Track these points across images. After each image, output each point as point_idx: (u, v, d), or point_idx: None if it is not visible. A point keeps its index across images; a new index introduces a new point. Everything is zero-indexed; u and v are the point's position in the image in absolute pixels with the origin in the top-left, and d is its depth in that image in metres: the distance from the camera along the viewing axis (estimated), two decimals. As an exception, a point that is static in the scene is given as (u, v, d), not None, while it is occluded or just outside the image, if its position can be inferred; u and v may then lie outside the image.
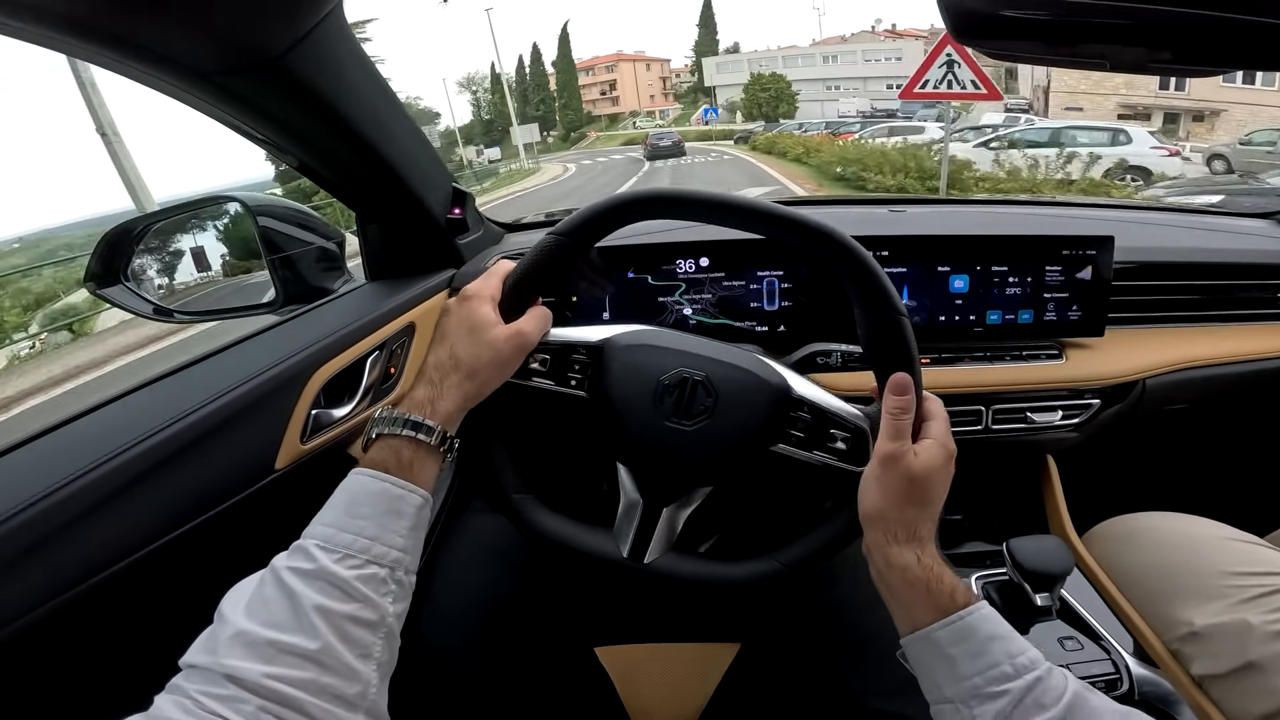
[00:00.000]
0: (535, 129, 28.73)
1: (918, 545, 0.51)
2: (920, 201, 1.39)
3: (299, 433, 0.73)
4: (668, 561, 0.58)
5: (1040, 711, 0.43)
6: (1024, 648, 0.47)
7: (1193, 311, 1.06)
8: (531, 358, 0.58)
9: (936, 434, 0.53)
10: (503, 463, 0.60)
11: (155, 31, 0.53)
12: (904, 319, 0.54)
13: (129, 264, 0.94)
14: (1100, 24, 0.48)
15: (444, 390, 0.51)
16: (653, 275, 0.94)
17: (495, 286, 0.57)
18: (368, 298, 0.91)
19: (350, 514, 0.45)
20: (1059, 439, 0.98)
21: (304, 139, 0.75)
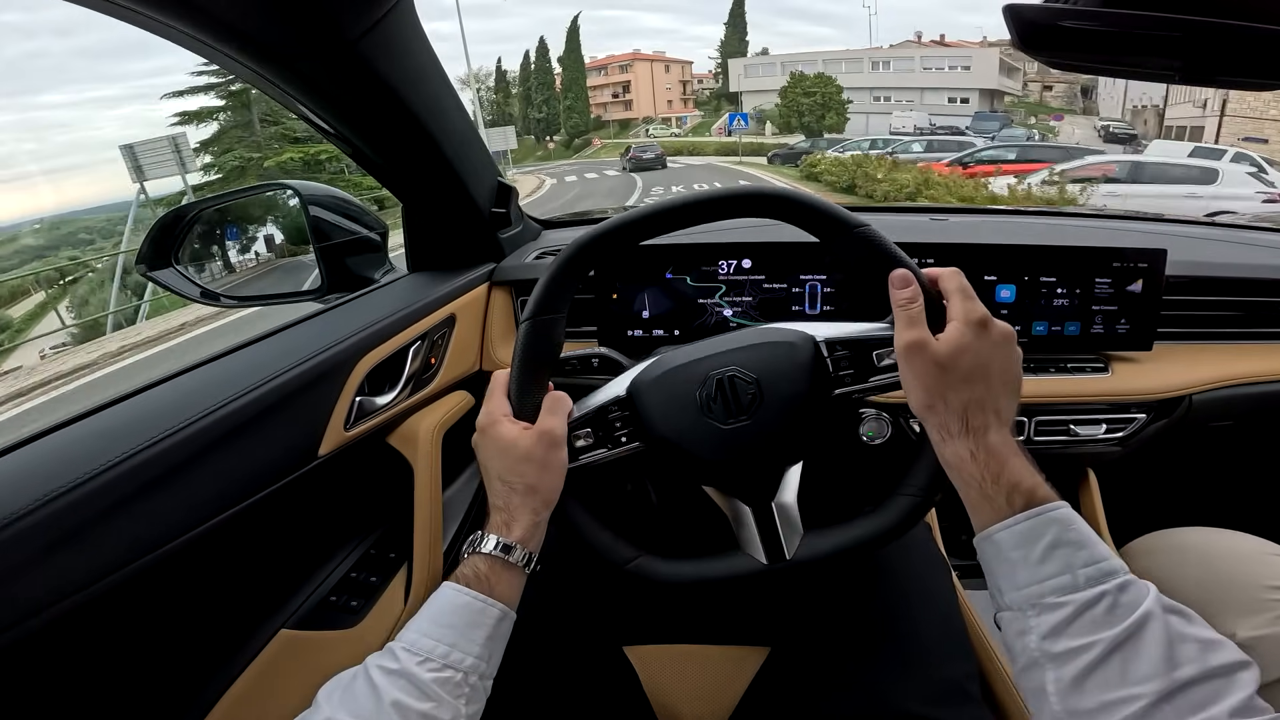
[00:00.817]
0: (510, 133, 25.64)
1: (972, 438, 0.48)
2: (962, 211, 1.37)
3: (343, 419, 0.74)
4: (809, 546, 0.58)
5: (1099, 629, 0.41)
6: (1096, 557, 0.44)
7: (1243, 328, 1.03)
8: (574, 437, 0.58)
9: (957, 313, 0.51)
10: (599, 539, 0.59)
11: (237, 11, 0.54)
12: (864, 228, 0.54)
13: (179, 248, 0.97)
14: (1158, 35, 0.47)
15: (513, 513, 0.54)
16: (692, 276, 0.94)
17: (501, 403, 0.57)
18: (410, 288, 0.92)
19: (435, 622, 0.50)
20: (1101, 452, 0.96)
21: (363, 124, 0.76)
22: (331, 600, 0.80)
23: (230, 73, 0.66)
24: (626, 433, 0.58)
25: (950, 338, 0.50)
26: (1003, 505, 0.46)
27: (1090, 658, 0.40)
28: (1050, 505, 0.46)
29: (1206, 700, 0.38)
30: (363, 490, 0.89)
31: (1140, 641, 0.40)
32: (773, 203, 0.56)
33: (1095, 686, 0.40)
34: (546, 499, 0.55)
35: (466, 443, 0.96)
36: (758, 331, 0.59)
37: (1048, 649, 0.42)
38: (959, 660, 0.66)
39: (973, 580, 0.96)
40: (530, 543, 0.54)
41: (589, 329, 0.98)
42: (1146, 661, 0.39)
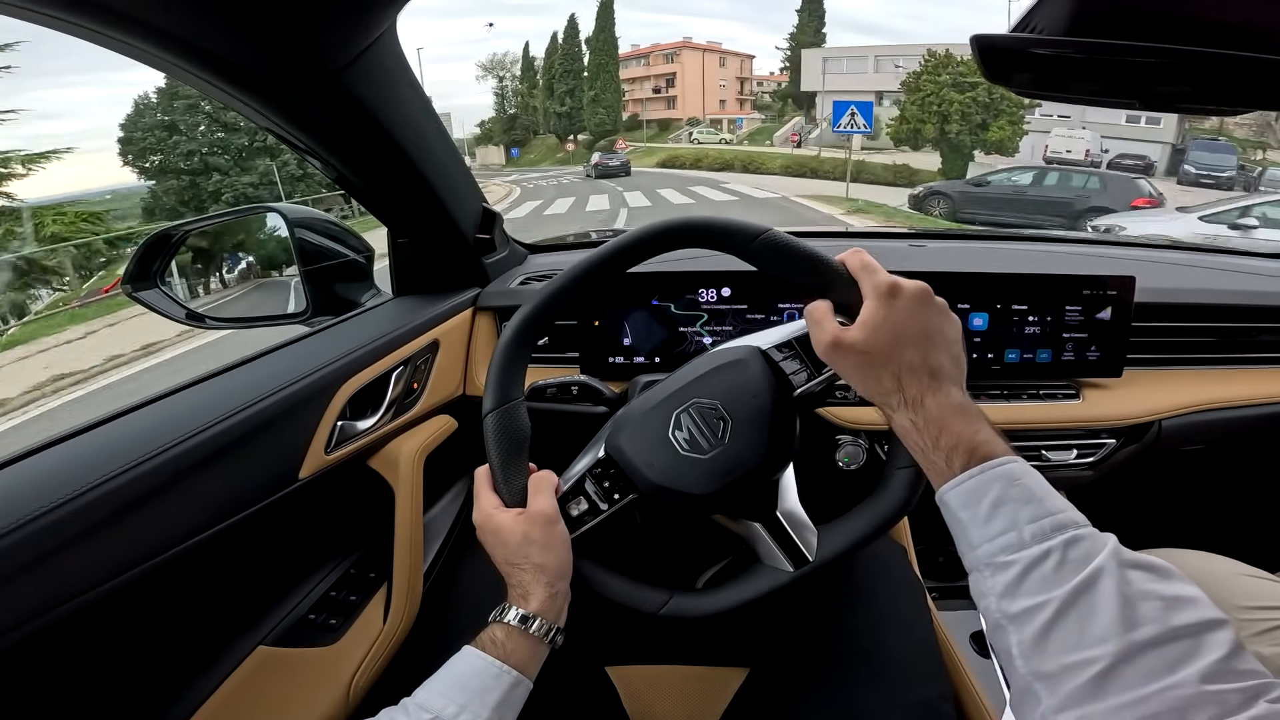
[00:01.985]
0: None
1: (910, 407, 0.49)
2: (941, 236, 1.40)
3: (324, 443, 0.75)
4: (828, 545, 0.59)
5: (1049, 588, 0.39)
6: (1046, 512, 0.42)
7: (1211, 354, 1.05)
8: (570, 507, 0.59)
9: (866, 289, 0.52)
10: (625, 594, 0.60)
11: (222, 42, 0.55)
12: (768, 233, 0.56)
13: (165, 268, 0.98)
14: (1129, 63, 0.49)
15: (526, 587, 0.55)
16: (673, 304, 0.95)
17: (489, 497, 0.59)
18: (395, 313, 0.93)
19: (450, 683, 0.51)
20: (1073, 478, 0.98)
21: (347, 151, 0.77)
22: (310, 618, 0.80)
23: (212, 99, 0.68)
24: (618, 489, 0.59)
25: (864, 318, 0.50)
26: (944, 468, 0.47)
27: (1045, 617, 0.39)
28: (996, 462, 0.45)
29: (1173, 663, 0.35)
30: (343, 512, 0.89)
31: (1094, 598, 0.38)
32: (679, 234, 0.58)
33: (1055, 648, 0.39)
34: (558, 572, 0.56)
35: (448, 466, 0.97)
36: (705, 358, 0.61)
37: (1005, 609, 0.41)
38: (933, 682, 0.67)
39: (948, 602, 0.98)
40: (549, 614, 0.55)
41: (571, 354, 0.99)
42: (1102, 620, 0.38)
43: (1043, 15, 0.50)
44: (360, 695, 0.76)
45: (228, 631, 0.74)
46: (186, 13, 0.51)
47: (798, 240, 0.55)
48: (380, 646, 0.79)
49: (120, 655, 0.62)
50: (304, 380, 0.72)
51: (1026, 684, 0.39)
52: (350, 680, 0.75)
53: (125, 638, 0.62)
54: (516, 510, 0.57)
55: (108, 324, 7.73)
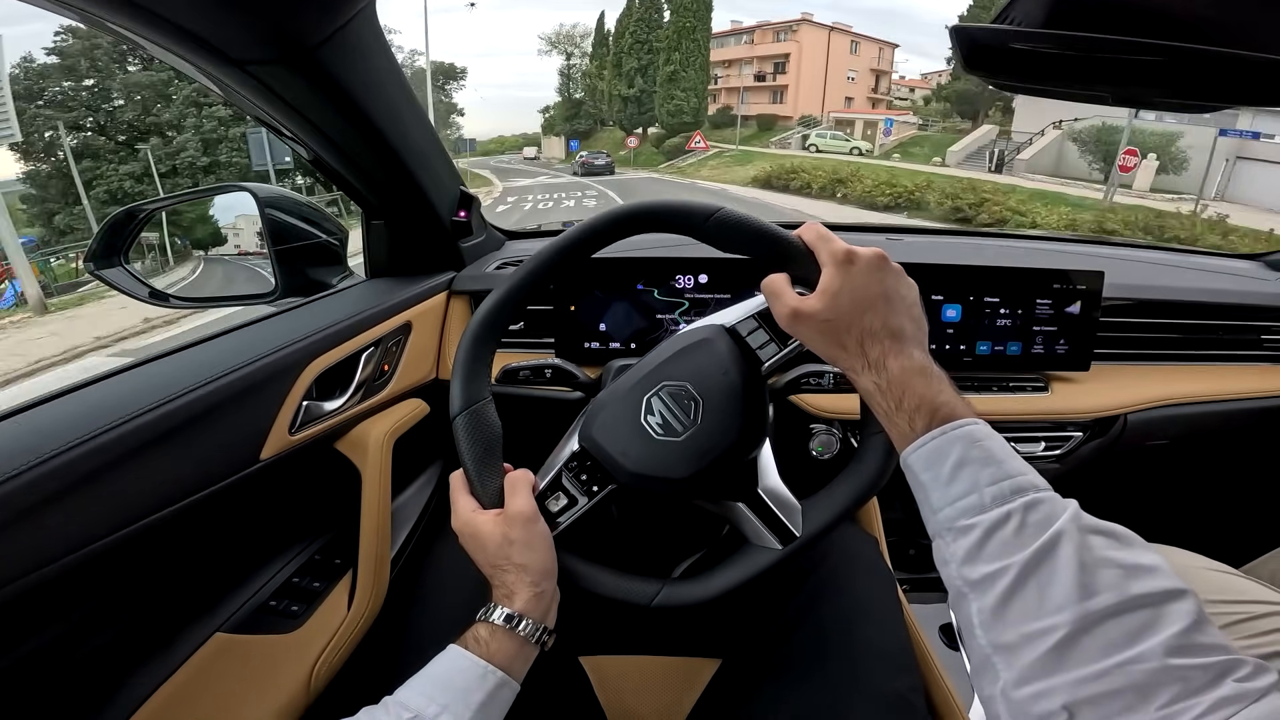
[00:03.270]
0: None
1: (874, 370, 0.49)
2: (918, 231, 1.41)
3: (288, 423, 0.73)
4: (814, 519, 0.58)
5: (1009, 552, 0.39)
6: (1003, 474, 0.42)
7: (1177, 350, 1.08)
8: (549, 503, 0.59)
9: (823, 258, 0.52)
10: (615, 588, 0.59)
11: (196, 17, 0.53)
12: (720, 211, 0.56)
13: (129, 247, 0.95)
14: (1105, 59, 0.50)
15: (511, 588, 0.54)
16: (652, 290, 0.95)
17: (466, 500, 0.58)
18: (366, 294, 0.91)
19: (432, 682, 0.50)
20: (1041, 470, 0.99)
21: (323, 131, 0.75)
22: (271, 605, 0.79)
23: (185, 75, 0.66)
24: (596, 481, 0.59)
25: (823, 286, 0.51)
26: (906, 429, 0.46)
27: (1005, 583, 0.38)
28: (958, 423, 0.44)
29: (1134, 634, 0.34)
30: (308, 495, 0.88)
31: (1053, 564, 0.37)
32: (637, 218, 0.58)
33: (1015, 616, 0.38)
34: (542, 571, 0.55)
35: (418, 451, 0.96)
36: (671, 341, 0.61)
37: (966, 575, 0.41)
38: (904, 673, 0.67)
39: (918, 595, 0.99)
40: (535, 613, 0.54)
41: (547, 340, 0.98)
42: (1060, 588, 0.37)
43: (1021, 8, 0.51)
44: (322, 683, 0.74)
45: (184, 617, 0.72)
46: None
47: (751, 217, 0.56)
48: (344, 634, 0.78)
49: (69, 639, 0.61)
50: (268, 358, 0.70)
51: (985, 656, 0.38)
52: (312, 668, 0.74)
53: (75, 620, 0.61)
54: (495, 511, 0.56)
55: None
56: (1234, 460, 1.24)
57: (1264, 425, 1.08)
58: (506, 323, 0.61)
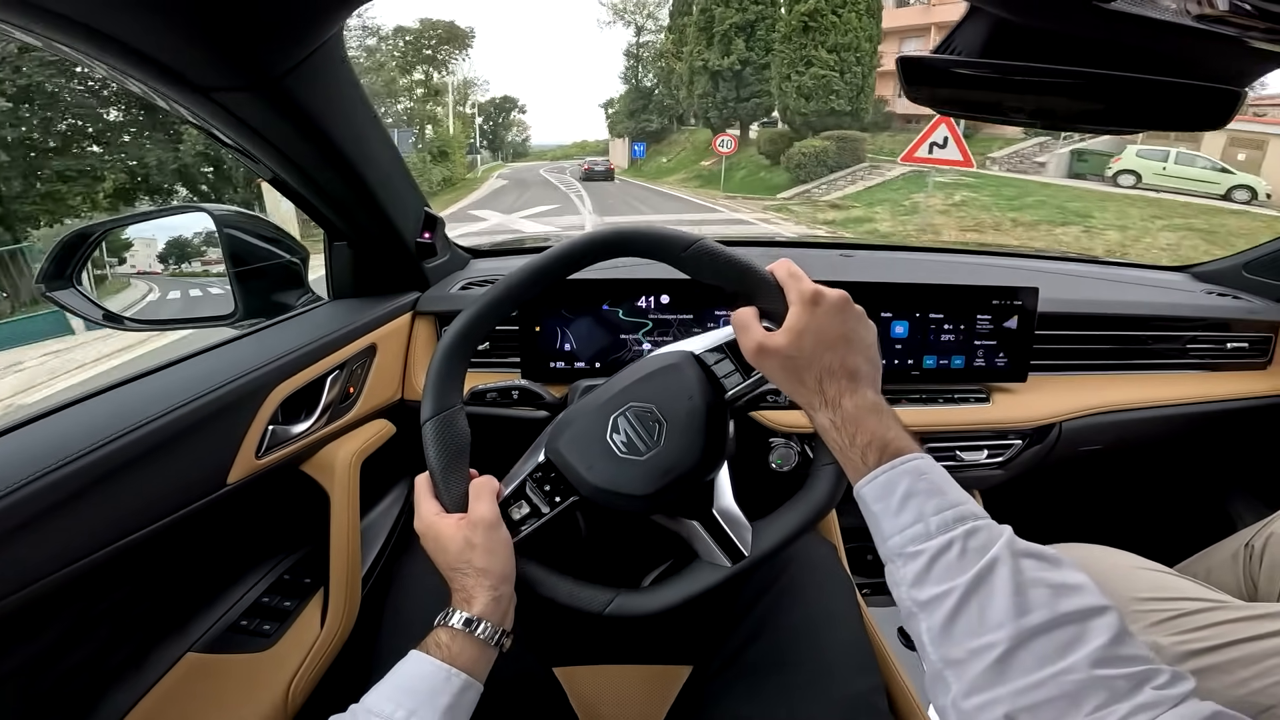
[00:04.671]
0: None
1: (830, 408, 0.52)
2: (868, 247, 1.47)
3: (254, 448, 0.74)
4: (763, 540, 0.60)
5: (952, 576, 0.42)
6: (946, 504, 0.45)
7: (1109, 360, 1.15)
8: (511, 511, 0.60)
9: (792, 296, 0.55)
10: (569, 595, 0.61)
11: (162, 44, 0.54)
12: (699, 243, 0.58)
13: (82, 268, 0.94)
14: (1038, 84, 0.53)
15: (469, 591, 0.55)
16: (617, 310, 0.98)
17: (430, 504, 0.59)
18: (330, 316, 0.91)
19: (398, 688, 0.51)
20: (985, 476, 1.05)
21: (286, 156, 0.76)
22: (242, 624, 0.79)
23: (155, 102, 0.66)
24: (559, 492, 0.61)
25: (788, 324, 0.54)
26: (859, 463, 0.50)
27: (950, 605, 0.42)
28: (905, 458, 0.48)
29: (1063, 648, 0.38)
30: (276, 517, 0.88)
31: (991, 586, 0.41)
32: (615, 242, 0.60)
33: (961, 633, 0.41)
34: (501, 575, 0.56)
35: (386, 471, 0.97)
36: (641, 364, 0.63)
37: (916, 597, 0.44)
38: (865, 675, 0.70)
39: (877, 598, 1.03)
40: (494, 617, 0.55)
41: (513, 360, 1.00)
42: (998, 607, 0.40)
43: (961, 38, 0.55)
44: (300, 701, 0.75)
45: (154, 639, 0.72)
46: (121, 15, 0.50)
47: (728, 250, 0.58)
48: (319, 651, 0.79)
49: (40, 663, 0.60)
50: (233, 383, 0.71)
51: (937, 670, 0.42)
52: (288, 686, 0.74)
53: (45, 645, 0.60)
54: (458, 516, 0.58)
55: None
56: (1164, 464, 1.33)
57: (1191, 430, 1.16)
58: (481, 336, 0.63)
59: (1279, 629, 0.66)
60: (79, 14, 0.48)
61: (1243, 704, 0.63)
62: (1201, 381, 1.16)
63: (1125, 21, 0.48)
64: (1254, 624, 0.68)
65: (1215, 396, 1.14)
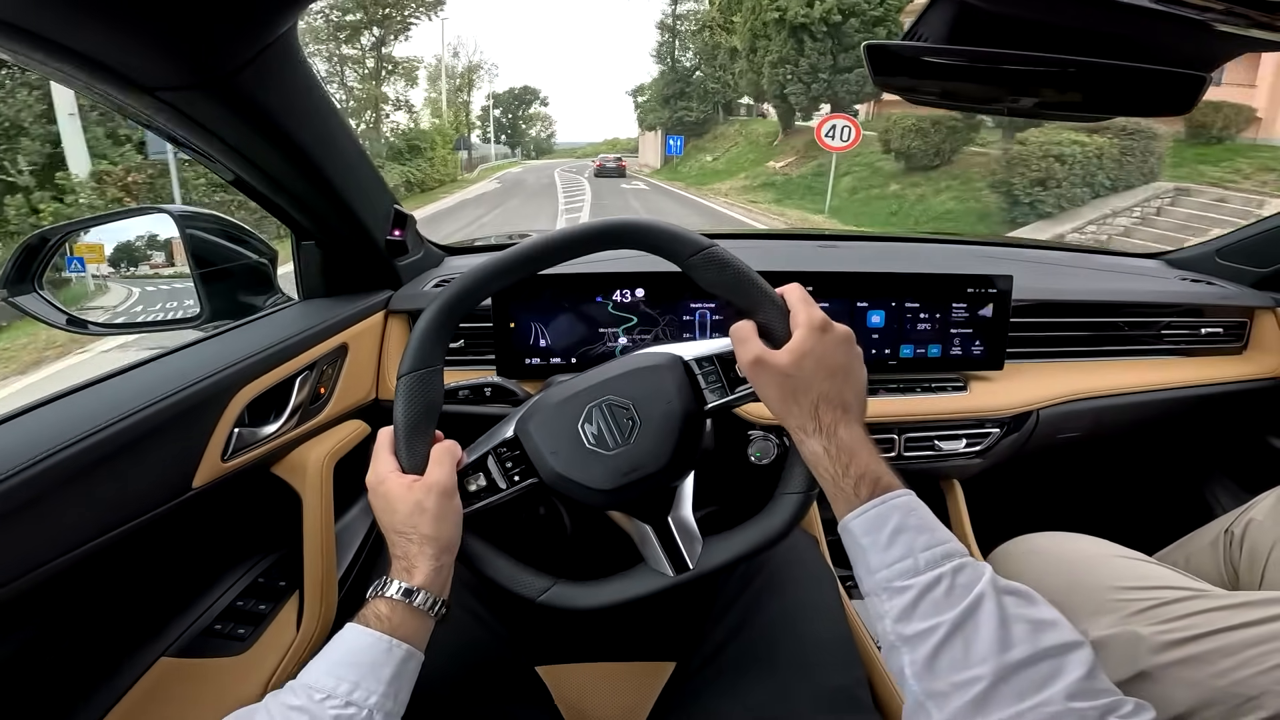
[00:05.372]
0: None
1: (824, 435, 0.52)
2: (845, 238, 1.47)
3: (220, 451, 0.72)
4: (709, 555, 0.60)
5: (940, 611, 0.43)
6: (935, 541, 0.47)
7: (1084, 347, 1.16)
8: (468, 482, 0.59)
9: (800, 319, 0.55)
10: (507, 576, 0.60)
11: (102, 45, 0.52)
12: (713, 248, 0.57)
13: (44, 272, 0.92)
14: (1004, 71, 0.53)
15: (413, 560, 0.54)
16: (591, 305, 0.97)
17: (388, 460, 0.58)
18: (299, 316, 0.90)
19: (339, 662, 0.50)
20: (963, 465, 1.05)
21: (244, 155, 0.74)
22: (216, 628, 0.79)
23: (100, 103, 0.64)
24: (519, 472, 0.60)
25: (793, 345, 0.54)
26: (851, 495, 0.50)
27: (936, 639, 0.43)
28: (896, 493, 0.49)
29: (1041, 681, 0.40)
30: (247, 521, 0.87)
31: (977, 622, 0.43)
32: (626, 234, 0.60)
33: (945, 668, 0.42)
34: (445, 545, 0.56)
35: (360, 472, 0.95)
36: (629, 359, 0.62)
37: (901, 631, 0.45)
38: (848, 668, 0.70)
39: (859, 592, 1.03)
40: (434, 587, 0.54)
41: (487, 357, 0.99)
42: (983, 643, 0.42)
43: (927, 26, 0.55)
44: None
45: (126, 644, 0.71)
46: (56, 13, 0.49)
47: (741, 262, 0.58)
48: (295, 654, 0.78)
49: (9, 669, 0.60)
50: (195, 386, 0.69)
51: (919, 702, 0.43)
52: (264, 688, 0.74)
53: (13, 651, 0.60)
54: (413, 477, 0.56)
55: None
56: (1142, 451, 1.34)
57: (1167, 416, 1.17)
58: (476, 303, 0.61)
59: (1260, 617, 0.66)
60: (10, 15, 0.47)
61: (1224, 694, 0.63)
62: (1177, 367, 1.17)
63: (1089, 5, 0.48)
64: (1235, 612, 0.68)
65: (1191, 381, 1.14)
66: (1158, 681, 0.67)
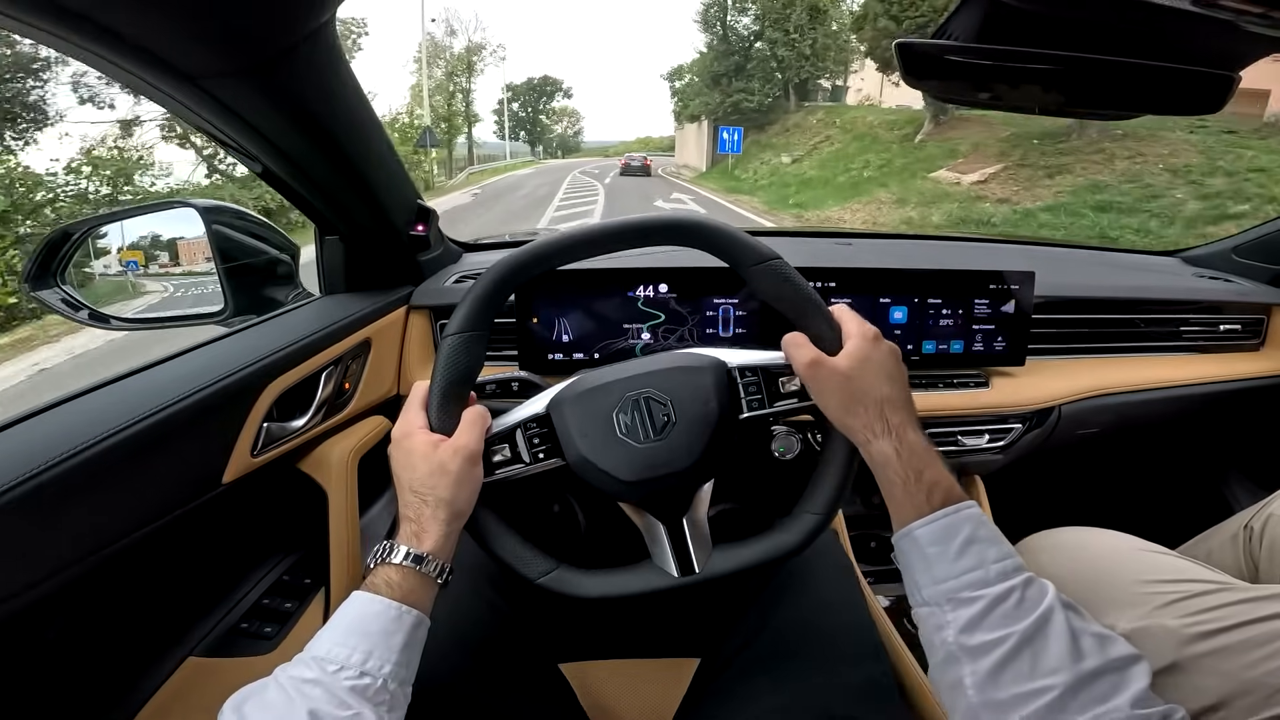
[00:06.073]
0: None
1: (894, 438, 0.52)
2: (865, 235, 1.47)
3: (250, 446, 0.72)
4: (719, 561, 0.60)
5: (1010, 623, 0.44)
6: (1005, 554, 0.47)
7: (1105, 343, 1.15)
8: (493, 452, 0.59)
9: (853, 330, 0.56)
10: (512, 552, 0.60)
11: (148, 31, 0.52)
12: (776, 260, 0.58)
13: (66, 267, 0.92)
14: (1033, 70, 0.53)
15: (424, 524, 0.53)
16: (615, 300, 0.97)
17: (418, 415, 0.57)
18: (323, 311, 0.90)
19: (349, 631, 0.49)
20: (986, 461, 1.05)
21: (278, 147, 0.74)
22: (243, 627, 0.78)
23: (137, 92, 0.64)
24: (544, 449, 0.59)
25: (850, 350, 0.55)
26: (923, 502, 0.50)
27: (1004, 650, 0.44)
28: (966, 503, 0.50)
29: (1108, 692, 0.42)
30: (273, 517, 0.87)
31: (1046, 635, 0.44)
32: (691, 232, 0.60)
33: (1010, 679, 0.43)
34: (459, 512, 0.55)
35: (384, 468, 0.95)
36: (673, 356, 0.62)
37: (964, 642, 0.45)
38: (873, 661, 0.70)
39: (880, 585, 1.03)
40: (441, 554, 0.53)
41: (510, 353, 0.99)
42: (1054, 654, 0.43)
43: (957, 24, 0.54)
44: None
45: (154, 643, 0.71)
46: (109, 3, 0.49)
47: (800, 278, 0.58)
48: None
49: (38, 669, 0.60)
50: (226, 380, 0.69)
51: (974, 713, 0.44)
52: None
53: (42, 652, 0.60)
54: (440, 437, 0.56)
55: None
56: (1161, 447, 1.33)
57: (1186, 412, 1.16)
58: (533, 274, 0.61)
59: None
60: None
61: (1256, 684, 0.63)
62: (1195, 363, 1.17)
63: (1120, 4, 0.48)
64: (1262, 604, 0.67)
65: (1209, 378, 1.14)
66: (1189, 673, 0.67)
